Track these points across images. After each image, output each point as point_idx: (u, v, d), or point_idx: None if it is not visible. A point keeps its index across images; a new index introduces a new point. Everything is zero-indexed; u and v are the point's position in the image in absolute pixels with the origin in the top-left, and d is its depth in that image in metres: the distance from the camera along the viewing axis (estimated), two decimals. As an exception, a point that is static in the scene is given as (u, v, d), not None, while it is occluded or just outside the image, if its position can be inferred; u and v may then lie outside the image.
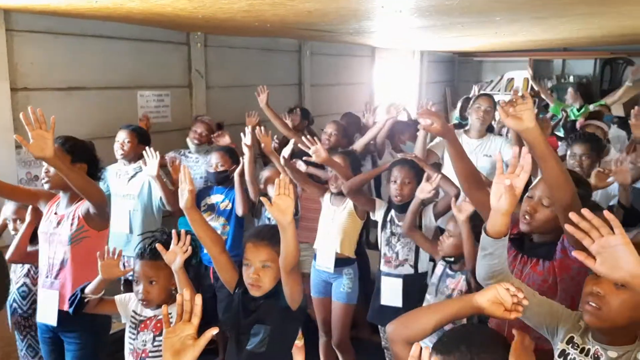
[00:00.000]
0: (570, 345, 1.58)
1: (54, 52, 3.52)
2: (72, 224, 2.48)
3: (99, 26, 3.71)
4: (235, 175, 3.27)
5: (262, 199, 1.78)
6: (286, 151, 3.16)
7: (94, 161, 2.58)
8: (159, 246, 2.04)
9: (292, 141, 3.25)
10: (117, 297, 2.29)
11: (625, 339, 1.48)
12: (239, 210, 3.26)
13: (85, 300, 2.19)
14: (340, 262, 3.05)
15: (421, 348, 1.16)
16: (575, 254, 1.28)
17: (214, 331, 1.32)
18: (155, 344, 2.13)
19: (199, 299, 1.35)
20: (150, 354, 2.13)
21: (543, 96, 6.59)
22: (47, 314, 2.49)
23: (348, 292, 3.05)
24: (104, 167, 2.70)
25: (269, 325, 1.93)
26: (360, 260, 3.21)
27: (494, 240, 1.54)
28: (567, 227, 1.30)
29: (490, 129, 3.76)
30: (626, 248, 1.24)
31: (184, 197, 2.01)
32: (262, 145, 3.23)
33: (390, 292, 2.83)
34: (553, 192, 1.75)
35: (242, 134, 3.27)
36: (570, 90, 6.22)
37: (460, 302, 1.48)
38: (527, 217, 1.93)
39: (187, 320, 1.33)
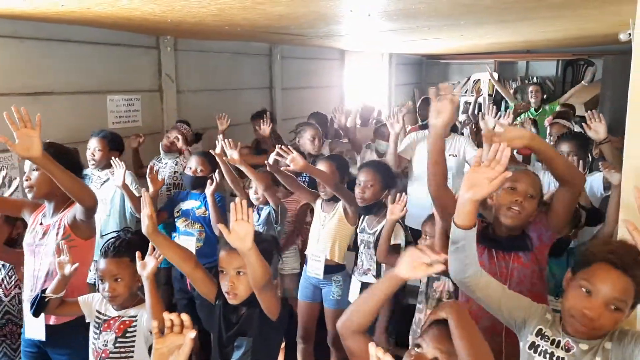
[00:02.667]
0: (540, 337, 1.62)
1: (19, 57, 3.46)
2: (57, 234, 2.35)
3: (66, 30, 3.65)
4: (209, 196, 3.21)
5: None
6: (271, 158, 3.08)
7: (78, 169, 2.45)
8: (138, 254, 2.03)
9: (276, 148, 3.05)
10: (80, 298, 2.26)
11: (598, 335, 1.53)
12: (217, 230, 3.20)
13: (46, 300, 2.15)
14: (330, 268, 3.04)
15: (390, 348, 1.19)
16: (626, 222, 1.33)
17: (191, 334, 1.33)
18: (117, 345, 2.11)
19: (185, 315, 1.36)
20: (110, 355, 2.11)
21: (504, 95, 6.72)
22: (34, 329, 2.37)
23: (338, 299, 3.06)
24: (84, 174, 2.59)
25: (251, 337, 1.93)
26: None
27: (464, 232, 1.57)
28: (638, 194, 1.35)
29: (454, 129, 3.84)
30: None
31: (144, 223, 1.96)
32: (229, 157, 3.10)
33: (354, 293, 2.90)
34: (569, 178, 1.93)
35: (219, 144, 3.24)
36: (533, 88, 6.22)
37: (389, 281, 1.50)
38: (516, 208, 1.95)
39: (179, 333, 1.33)
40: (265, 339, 1.95)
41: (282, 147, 2.97)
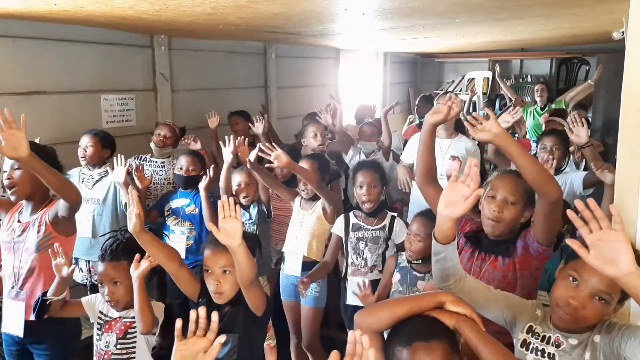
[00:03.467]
0: (531, 334, 1.63)
1: (12, 56, 3.44)
2: (38, 231, 2.39)
3: (59, 29, 3.64)
4: (202, 190, 3.20)
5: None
6: (252, 155, 3.08)
7: (56, 167, 2.44)
8: (137, 257, 2.05)
9: (258, 145, 3.09)
10: (83, 299, 2.28)
11: (586, 328, 1.55)
12: (209, 226, 3.18)
13: (48, 302, 2.16)
14: (308, 266, 3.02)
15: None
16: (569, 242, 1.29)
17: (221, 339, 1.31)
18: (119, 346, 2.12)
19: (215, 315, 1.34)
20: (112, 356, 2.12)
21: (507, 92, 6.72)
22: (12, 325, 2.42)
23: (316, 296, 3.04)
24: (66, 173, 2.62)
25: (237, 333, 1.94)
26: None
27: (444, 245, 1.58)
28: (569, 213, 1.30)
29: (460, 129, 3.72)
30: (625, 245, 1.25)
31: (131, 221, 1.97)
32: (240, 155, 3.14)
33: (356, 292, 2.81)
34: (539, 189, 1.81)
35: (221, 143, 3.24)
36: (539, 87, 6.20)
37: (432, 301, 1.47)
38: (494, 218, 1.94)
39: (202, 336, 1.32)
40: (250, 335, 1.97)
41: (266, 144, 2.95)
